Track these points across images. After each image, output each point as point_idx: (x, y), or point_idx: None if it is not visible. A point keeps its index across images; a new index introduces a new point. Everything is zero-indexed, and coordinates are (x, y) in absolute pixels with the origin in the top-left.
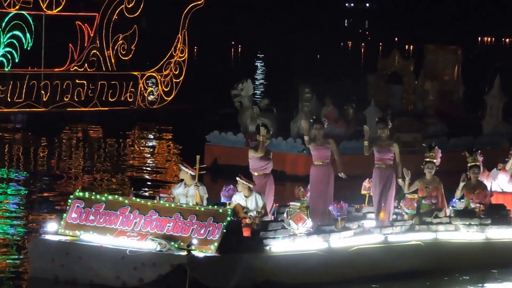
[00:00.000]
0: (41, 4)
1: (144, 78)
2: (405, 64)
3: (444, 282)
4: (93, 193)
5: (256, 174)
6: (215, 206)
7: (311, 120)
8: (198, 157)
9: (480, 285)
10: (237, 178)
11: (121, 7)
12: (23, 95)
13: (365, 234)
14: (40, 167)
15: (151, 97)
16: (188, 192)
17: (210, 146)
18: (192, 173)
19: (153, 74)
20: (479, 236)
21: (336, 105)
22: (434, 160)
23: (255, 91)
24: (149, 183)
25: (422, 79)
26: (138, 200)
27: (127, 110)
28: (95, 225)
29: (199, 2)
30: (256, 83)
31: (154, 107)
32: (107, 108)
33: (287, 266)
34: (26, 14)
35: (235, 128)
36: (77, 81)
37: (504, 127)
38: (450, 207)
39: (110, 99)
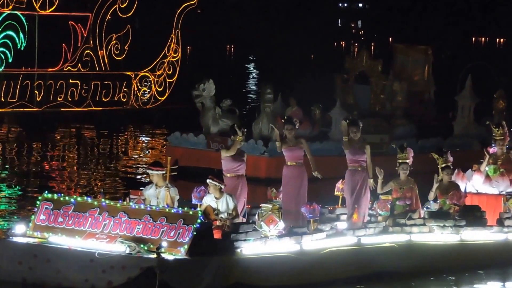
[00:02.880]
0: (35, 4)
1: (137, 78)
2: (373, 64)
3: (430, 282)
4: (62, 194)
5: (228, 175)
6: (186, 208)
7: (283, 121)
8: (169, 158)
9: (466, 286)
10: (208, 180)
11: (115, 7)
12: (17, 95)
13: (338, 236)
14: (32, 166)
15: (144, 97)
16: (159, 193)
17: (171, 148)
18: (163, 173)
19: (146, 74)
20: (453, 237)
21: (302, 105)
22: (407, 161)
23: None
24: (141, 182)
25: (391, 80)
26: (107, 201)
27: (120, 110)
28: (64, 227)
29: (192, 2)
30: (251, 83)
31: (147, 107)
32: (100, 108)
33: (259, 269)
34: (19, 14)
35: (196, 129)
36: (70, 81)
37: (476, 128)
38: (425, 208)
39: (103, 99)
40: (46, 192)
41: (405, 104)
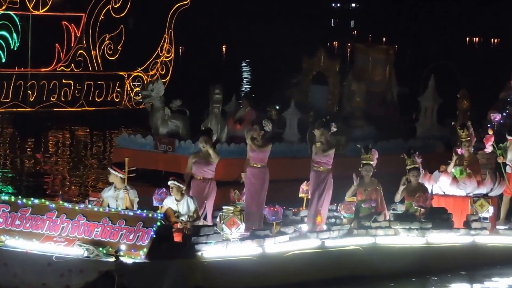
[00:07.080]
0: (28, 4)
1: (130, 78)
2: (331, 64)
3: (412, 283)
4: (19, 197)
5: (198, 178)
6: (145, 210)
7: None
8: (126, 159)
9: (448, 286)
10: (171, 181)
11: (108, 7)
12: (10, 95)
13: (301, 239)
14: (25, 166)
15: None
16: (118, 195)
17: (119, 149)
18: (122, 176)
19: (140, 74)
20: (419, 240)
21: (255, 106)
22: (371, 162)
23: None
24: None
25: (351, 80)
26: (65, 204)
27: (113, 110)
28: (21, 230)
29: (186, 2)
30: (245, 84)
31: (140, 107)
32: (93, 108)
33: (220, 272)
34: (12, 14)
35: (144, 130)
36: (63, 81)
37: (439, 130)
38: (391, 211)
39: (96, 99)
40: (3, 194)
41: (364, 105)
